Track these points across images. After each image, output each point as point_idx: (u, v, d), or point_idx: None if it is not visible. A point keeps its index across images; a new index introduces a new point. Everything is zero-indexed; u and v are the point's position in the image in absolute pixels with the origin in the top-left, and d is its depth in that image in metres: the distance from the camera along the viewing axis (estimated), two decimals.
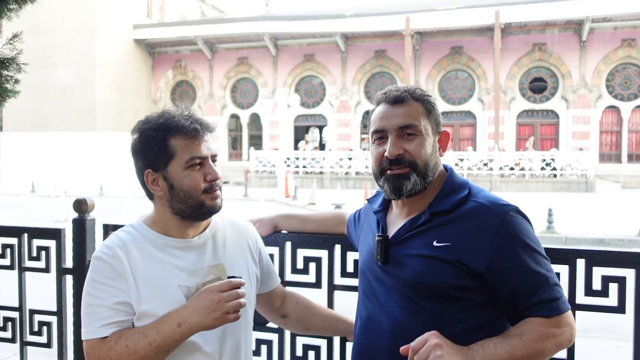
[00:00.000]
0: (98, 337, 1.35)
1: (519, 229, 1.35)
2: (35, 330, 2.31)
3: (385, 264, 1.45)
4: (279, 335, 2.03)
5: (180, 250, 1.44)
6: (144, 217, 1.51)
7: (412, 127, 1.43)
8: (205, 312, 1.31)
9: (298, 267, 2.02)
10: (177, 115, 1.42)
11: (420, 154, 1.42)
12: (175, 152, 1.40)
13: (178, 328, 1.32)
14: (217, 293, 1.32)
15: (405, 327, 1.37)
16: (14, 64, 3.07)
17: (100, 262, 1.39)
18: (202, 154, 1.41)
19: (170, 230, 1.45)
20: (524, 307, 1.33)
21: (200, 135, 1.42)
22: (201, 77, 27.12)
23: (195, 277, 1.43)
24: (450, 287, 1.35)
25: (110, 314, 1.35)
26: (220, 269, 1.48)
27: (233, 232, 1.59)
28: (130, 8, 25.73)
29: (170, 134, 1.40)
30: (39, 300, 2.54)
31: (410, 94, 1.46)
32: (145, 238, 1.44)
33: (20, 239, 2.28)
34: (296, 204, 15.50)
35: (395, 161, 1.42)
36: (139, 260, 1.39)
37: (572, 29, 22.40)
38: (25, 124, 24.43)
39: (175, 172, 1.41)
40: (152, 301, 1.37)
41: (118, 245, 1.40)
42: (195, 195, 1.41)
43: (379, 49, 24.54)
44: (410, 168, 1.42)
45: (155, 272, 1.39)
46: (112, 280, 1.36)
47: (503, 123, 22.87)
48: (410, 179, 1.41)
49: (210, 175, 1.42)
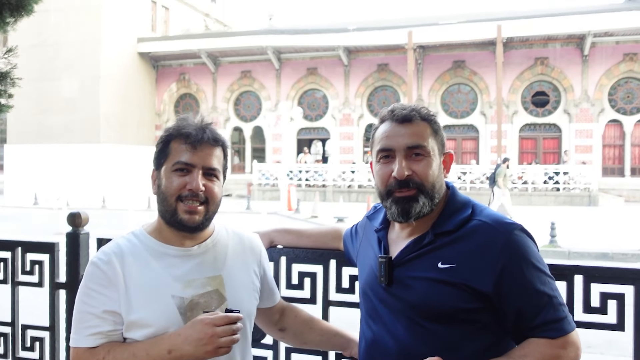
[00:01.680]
0: (85, 346, 1.34)
1: (523, 248, 1.33)
2: (28, 346, 2.28)
3: (389, 286, 1.42)
4: (274, 351, 2.00)
5: (177, 259, 1.42)
6: (146, 224, 1.50)
7: (420, 148, 1.40)
8: (197, 344, 1.29)
9: (293, 282, 1.99)
10: (190, 122, 1.43)
11: (428, 175, 1.39)
12: (169, 154, 1.41)
13: (168, 354, 1.30)
14: (211, 327, 1.29)
15: (411, 349, 1.35)
16: (7, 78, 3.07)
17: (93, 268, 1.37)
18: (190, 160, 1.39)
19: (169, 238, 1.43)
20: (528, 327, 1.31)
21: (199, 143, 1.39)
22: (205, 90, 27.25)
23: (191, 288, 1.40)
24: (456, 310, 1.33)
25: (97, 322, 1.34)
26: (219, 280, 1.45)
27: (237, 243, 1.56)
28: (134, 21, 25.94)
29: (172, 137, 1.42)
30: (32, 315, 2.51)
31: (418, 113, 1.43)
32: (143, 245, 1.42)
33: (14, 252, 2.26)
34: (298, 217, 15.46)
35: (403, 183, 1.39)
36: (134, 268, 1.37)
37: (574, 43, 22.47)
38: (29, 135, 24.53)
39: (164, 173, 1.41)
40: (144, 310, 1.35)
41: (114, 251, 1.39)
42: (169, 199, 1.39)
43: (382, 62, 24.64)
44: (418, 190, 1.39)
45: (150, 280, 1.37)
46: (103, 287, 1.35)
47: (505, 136, 22.86)
48: (419, 201, 1.39)
49: (190, 185, 1.38)
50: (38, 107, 23.28)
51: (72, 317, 2.15)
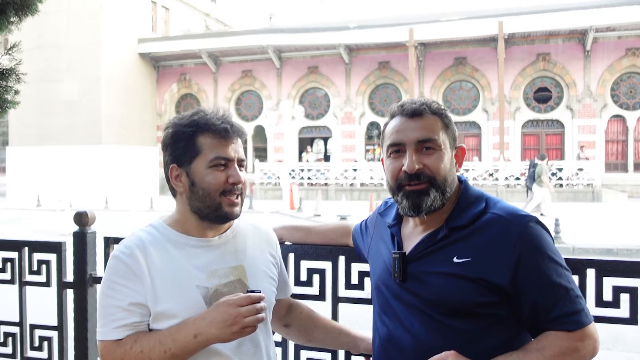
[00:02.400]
0: (112, 339, 1.34)
1: (539, 240, 1.32)
2: (36, 346, 2.28)
3: (404, 282, 1.41)
4: (283, 348, 1.99)
5: (200, 250, 1.43)
6: (164, 217, 1.50)
7: (431, 141, 1.39)
8: (222, 326, 1.29)
9: (302, 279, 1.98)
10: (210, 114, 1.42)
11: (440, 169, 1.39)
12: (201, 150, 1.39)
13: (194, 339, 1.31)
14: (235, 307, 1.30)
15: (428, 344, 1.34)
16: (13, 74, 3.06)
17: (116, 261, 1.37)
18: (228, 155, 1.40)
19: (190, 229, 1.44)
20: (545, 320, 1.29)
21: (229, 136, 1.41)
22: (206, 90, 27.26)
23: (215, 278, 1.41)
24: (473, 304, 1.32)
25: (123, 315, 1.34)
26: (241, 270, 1.46)
27: (255, 235, 1.58)
28: (135, 22, 25.94)
29: (199, 131, 1.40)
30: (40, 314, 2.51)
31: (428, 107, 1.43)
32: (164, 237, 1.42)
33: (21, 252, 2.26)
34: (301, 216, 15.46)
35: (414, 176, 1.38)
36: (157, 260, 1.38)
37: (576, 39, 22.41)
38: (31, 138, 24.55)
39: (199, 169, 1.40)
40: (170, 301, 1.36)
41: (136, 244, 1.39)
42: (213, 195, 1.39)
43: (383, 60, 24.61)
44: (429, 184, 1.38)
45: (173, 271, 1.38)
46: (127, 280, 1.35)
47: (508, 133, 22.83)
48: (430, 195, 1.38)
49: (233, 178, 1.40)
50: (39, 109, 23.29)
51: (79, 316, 2.16)
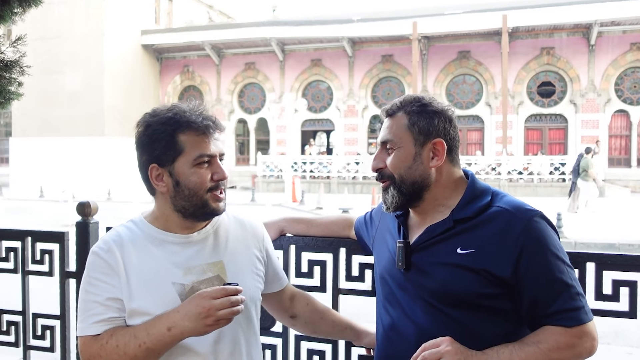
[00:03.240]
0: (90, 334, 1.34)
1: (542, 235, 1.32)
2: (39, 334, 2.30)
3: (407, 271, 1.43)
4: (283, 339, 2.01)
5: (178, 246, 1.41)
6: (145, 212, 1.48)
7: (389, 142, 1.45)
8: (196, 319, 1.28)
9: (302, 270, 1.99)
10: (188, 110, 1.40)
11: (395, 168, 1.43)
12: (183, 148, 1.37)
13: (168, 332, 1.30)
14: (208, 300, 1.28)
15: (431, 334, 1.35)
16: (17, 66, 3.07)
17: (95, 257, 1.38)
18: (211, 151, 1.39)
19: (170, 226, 1.43)
20: (544, 314, 1.30)
21: (210, 132, 1.40)
22: (209, 82, 27.22)
23: (192, 275, 1.39)
24: (475, 296, 1.33)
25: (101, 310, 1.34)
26: (220, 266, 1.44)
27: (238, 229, 1.55)
28: (138, 14, 25.88)
29: (179, 129, 1.37)
30: (42, 304, 2.53)
31: (402, 105, 1.46)
32: (143, 233, 1.42)
33: (24, 242, 2.27)
34: (303, 209, 15.48)
35: (379, 175, 1.47)
36: (134, 256, 1.37)
37: (580, 33, 22.29)
38: (34, 129, 24.58)
39: (182, 168, 1.37)
40: (144, 298, 1.35)
41: (114, 240, 1.39)
42: (200, 194, 1.38)
43: (386, 53, 24.53)
44: (389, 181, 1.44)
45: (150, 268, 1.37)
46: (105, 275, 1.35)
47: (511, 127, 22.76)
48: (388, 192, 1.45)
49: (217, 175, 1.40)
50: (42, 100, 23.28)
51: None
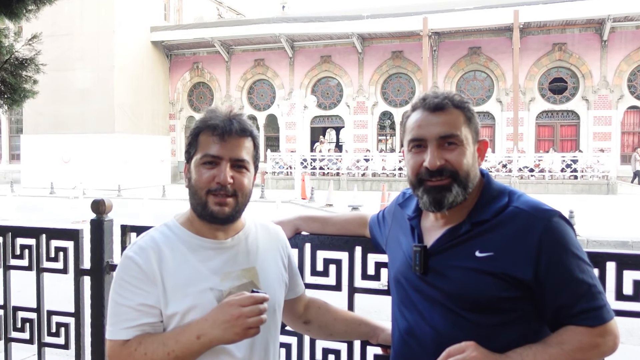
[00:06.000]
0: (121, 338, 1.33)
1: (562, 235, 1.30)
2: (53, 332, 2.30)
3: (425, 275, 1.40)
4: (298, 338, 1.99)
5: (213, 252, 1.41)
6: (178, 215, 1.48)
7: (453, 137, 1.37)
8: (224, 327, 1.28)
9: (318, 269, 1.97)
10: (219, 113, 1.41)
11: (462, 164, 1.37)
12: (199, 147, 1.40)
13: (197, 340, 1.29)
14: (237, 308, 1.28)
15: (449, 338, 1.33)
16: (32, 64, 3.08)
17: (130, 262, 1.36)
18: (217, 153, 1.37)
19: (202, 230, 1.42)
20: (566, 315, 1.28)
21: (226, 135, 1.37)
22: (218, 79, 27.27)
23: (228, 281, 1.40)
24: (495, 299, 1.31)
25: (134, 315, 1.33)
26: (253, 272, 1.45)
27: (265, 236, 1.55)
28: (147, 11, 25.95)
29: (201, 129, 1.40)
30: (57, 301, 2.53)
31: (451, 100, 1.40)
32: (178, 238, 1.41)
33: (39, 239, 2.28)
34: (313, 206, 15.47)
35: (436, 172, 1.36)
36: (171, 262, 1.36)
37: (592, 29, 22.07)
38: (45, 126, 24.74)
39: (194, 165, 1.40)
40: (182, 304, 1.34)
41: (151, 246, 1.38)
42: (200, 193, 1.38)
43: (396, 49, 24.43)
44: (452, 179, 1.36)
45: (187, 274, 1.37)
46: (140, 281, 1.34)
47: (522, 124, 22.61)
48: (452, 191, 1.36)
49: (218, 178, 1.36)
50: (53, 97, 23.40)
51: (96, 303, 2.17)
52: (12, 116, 28.79)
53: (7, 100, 3.91)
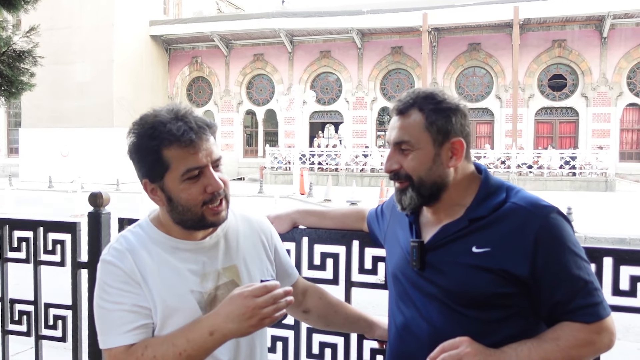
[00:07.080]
0: (123, 344, 1.25)
1: (559, 231, 1.30)
2: (50, 324, 2.30)
3: (422, 270, 1.40)
4: (295, 332, 1.99)
5: (190, 253, 1.35)
6: (152, 214, 1.41)
7: (405, 143, 1.38)
8: (240, 320, 1.22)
9: (315, 263, 1.97)
10: (169, 120, 1.27)
11: (415, 170, 1.37)
12: (170, 164, 1.26)
13: (210, 336, 1.23)
14: (251, 299, 1.22)
15: (446, 334, 1.33)
16: (30, 57, 3.07)
17: (110, 266, 1.29)
18: (199, 163, 1.27)
19: (179, 232, 1.35)
20: (563, 311, 1.28)
21: (196, 142, 1.26)
22: (217, 73, 27.22)
23: (208, 282, 1.34)
24: (492, 295, 1.31)
25: (131, 317, 1.26)
26: (234, 270, 1.39)
27: (246, 228, 1.48)
28: (147, 4, 25.89)
29: (162, 144, 1.25)
30: (54, 294, 2.54)
31: (415, 102, 1.39)
32: (153, 240, 1.34)
33: (36, 232, 2.27)
34: (311, 201, 15.48)
35: (394, 175, 1.41)
36: (149, 263, 1.30)
37: (592, 25, 22.05)
38: (43, 120, 24.72)
39: (172, 184, 1.28)
40: (164, 308, 1.29)
41: (127, 248, 1.31)
42: (194, 210, 1.29)
43: (396, 45, 24.40)
44: (409, 183, 1.39)
45: (167, 277, 1.30)
46: (125, 284, 1.28)
47: (521, 120, 22.62)
48: (407, 194, 1.39)
49: (211, 187, 1.28)
50: (52, 91, 23.38)
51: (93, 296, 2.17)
52: (11, 110, 28.77)
53: (4, 92, 3.89)
